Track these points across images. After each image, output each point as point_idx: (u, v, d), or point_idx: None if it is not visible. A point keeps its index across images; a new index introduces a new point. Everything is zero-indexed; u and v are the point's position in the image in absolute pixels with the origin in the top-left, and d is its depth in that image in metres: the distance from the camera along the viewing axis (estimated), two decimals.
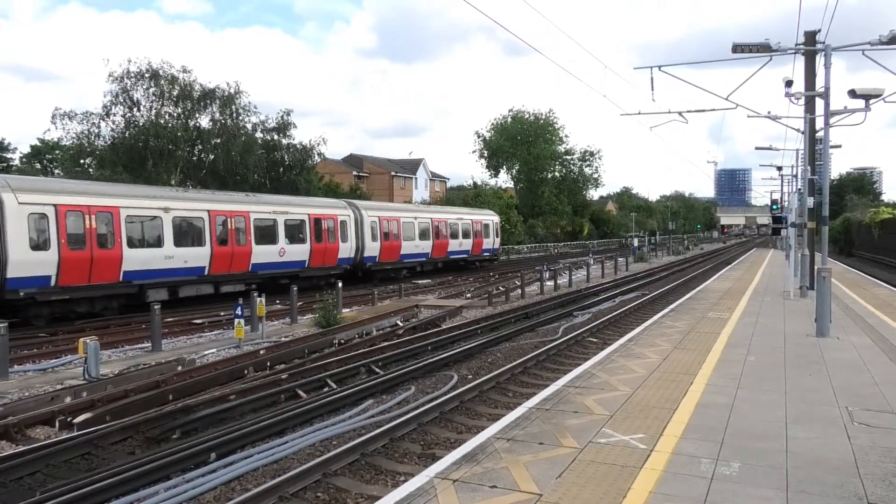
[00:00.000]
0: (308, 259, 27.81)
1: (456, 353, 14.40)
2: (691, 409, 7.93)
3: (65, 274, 18.45)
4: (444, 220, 39.08)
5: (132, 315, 20.04)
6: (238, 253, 24.48)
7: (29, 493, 7.22)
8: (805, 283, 21.05)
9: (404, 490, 5.61)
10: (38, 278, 17.99)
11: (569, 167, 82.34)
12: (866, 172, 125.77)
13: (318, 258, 28.37)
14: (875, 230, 50.62)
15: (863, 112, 15.31)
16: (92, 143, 37.78)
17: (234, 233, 24.28)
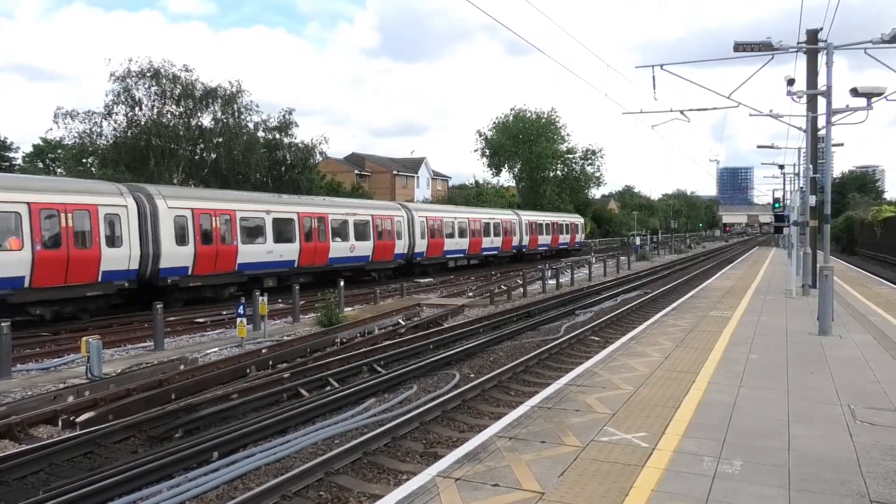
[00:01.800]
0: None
1: (458, 351, 14.41)
2: (693, 407, 7.93)
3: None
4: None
5: (134, 314, 20.08)
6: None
7: (32, 492, 7.24)
8: (807, 281, 21.03)
9: (406, 489, 5.62)
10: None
11: (570, 166, 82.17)
12: (868, 171, 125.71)
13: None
14: (877, 228, 50.54)
15: (865, 110, 15.30)
16: (94, 143, 37.85)
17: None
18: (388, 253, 32.75)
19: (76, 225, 18.46)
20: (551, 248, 54.81)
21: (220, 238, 23.13)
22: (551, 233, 55.10)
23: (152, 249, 20.80)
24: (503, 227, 45.70)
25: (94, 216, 18.95)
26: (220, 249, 23.08)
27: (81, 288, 18.77)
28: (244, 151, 39.23)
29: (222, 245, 23.22)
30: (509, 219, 47.34)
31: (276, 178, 41.88)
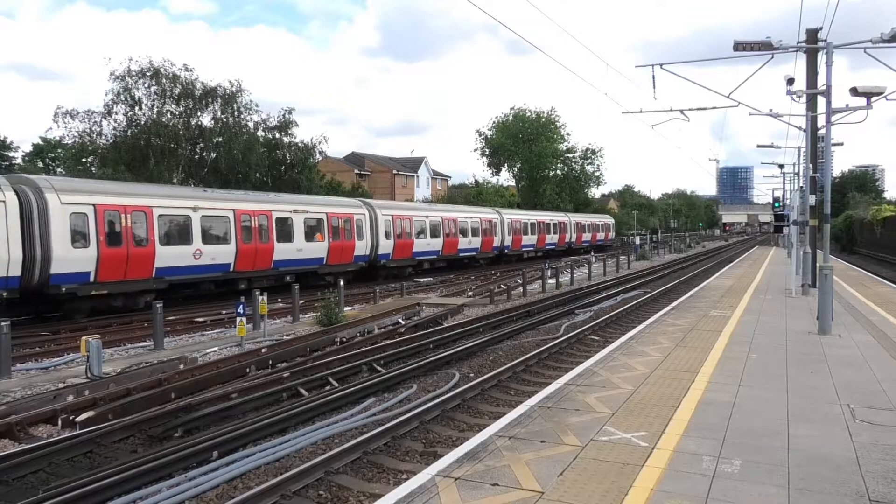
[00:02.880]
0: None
1: (458, 351, 14.41)
2: (693, 406, 7.94)
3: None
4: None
5: (134, 313, 20.07)
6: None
7: (31, 491, 7.24)
8: (807, 280, 21.03)
9: (406, 488, 5.62)
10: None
11: (570, 165, 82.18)
12: (868, 170, 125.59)
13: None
14: (877, 228, 50.55)
15: (864, 110, 15.26)
16: (94, 142, 37.79)
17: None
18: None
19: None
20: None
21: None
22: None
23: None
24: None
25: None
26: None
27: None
28: (244, 151, 39.18)
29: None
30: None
31: (275, 177, 41.84)
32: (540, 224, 52.35)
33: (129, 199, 20.46)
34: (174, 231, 21.74)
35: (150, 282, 20.87)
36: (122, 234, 19.96)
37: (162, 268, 21.03)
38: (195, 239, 22.19)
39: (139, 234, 20.51)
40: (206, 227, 22.71)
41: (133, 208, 20.36)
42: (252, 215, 24.57)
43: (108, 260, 19.39)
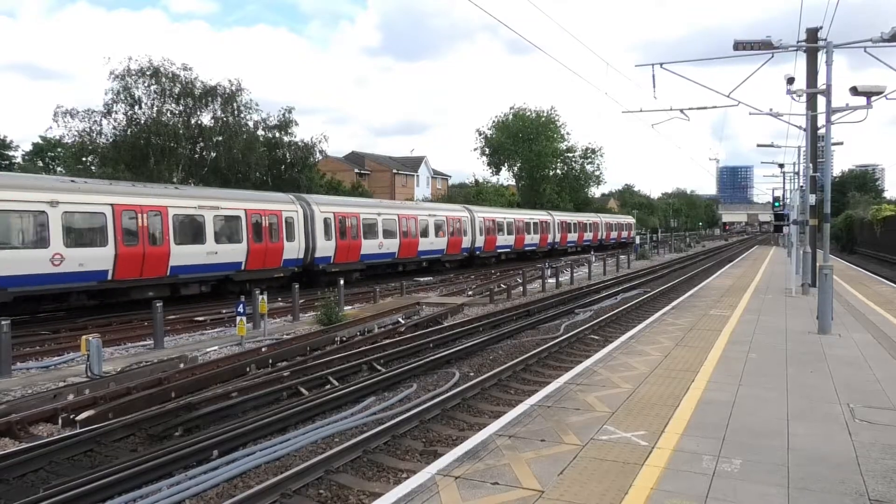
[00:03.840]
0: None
1: (458, 350, 14.42)
2: (693, 406, 7.94)
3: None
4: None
5: (134, 312, 20.07)
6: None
7: (32, 490, 7.25)
8: (807, 280, 21.04)
9: (406, 487, 5.63)
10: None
11: (570, 164, 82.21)
12: (868, 169, 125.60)
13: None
14: (877, 227, 50.52)
15: (865, 109, 15.28)
16: (94, 141, 37.79)
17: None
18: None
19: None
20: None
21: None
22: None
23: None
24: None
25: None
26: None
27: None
28: (244, 150, 39.18)
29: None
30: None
31: (275, 176, 41.85)
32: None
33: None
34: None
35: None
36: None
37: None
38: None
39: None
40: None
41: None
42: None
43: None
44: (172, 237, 21.29)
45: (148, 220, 20.58)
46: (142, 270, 20.34)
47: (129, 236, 20.03)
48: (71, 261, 18.29)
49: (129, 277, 20.08)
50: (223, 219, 23.35)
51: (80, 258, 18.51)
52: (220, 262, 23.01)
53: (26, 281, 17.41)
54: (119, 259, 19.58)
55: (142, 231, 20.41)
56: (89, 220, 19.22)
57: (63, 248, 18.14)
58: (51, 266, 17.89)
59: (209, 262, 22.57)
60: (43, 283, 17.92)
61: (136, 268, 20.14)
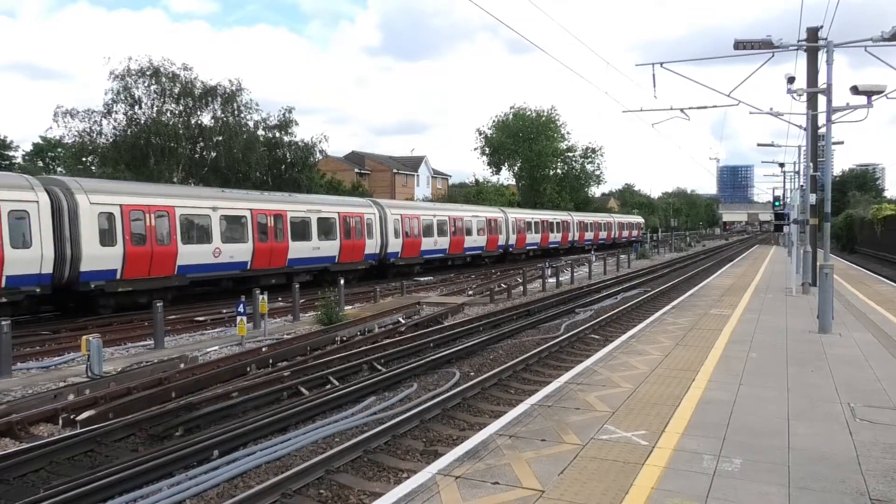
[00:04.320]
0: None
1: (458, 350, 14.42)
2: (693, 405, 7.94)
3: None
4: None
5: (134, 312, 20.07)
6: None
7: (32, 490, 7.25)
8: (807, 279, 21.04)
9: (407, 487, 5.63)
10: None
11: (571, 164, 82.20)
12: (869, 169, 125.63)
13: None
14: (877, 227, 50.52)
15: (865, 108, 15.26)
16: (94, 141, 37.80)
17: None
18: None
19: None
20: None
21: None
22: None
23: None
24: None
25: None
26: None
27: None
28: (244, 150, 39.19)
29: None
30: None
31: (275, 176, 41.86)
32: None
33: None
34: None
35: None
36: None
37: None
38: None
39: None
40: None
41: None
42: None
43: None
44: (290, 235, 26.02)
45: (273, 222, 25.34)
46: (270, 262, 25.09)
47: (262, 234, 24.79)
48: (225, 254, 23.18)
49: (262, 267, 24.80)
50: (324, 220, 28.08)
51: (231, 251, 23.42)
52: (322, 256, 27.94)
53: (198, 269, 22.17)
54: (255, 252, 24.39)
55: (269, 230, 25.18)
56: (236, 221, 23.99)
57: (221, 243, 23.03)
58: (212, 257, 22.72)
59: (314, 255, 27.49)
60: (208, 271, 22.69)
61: (266, 259, 24.94)
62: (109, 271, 19.51)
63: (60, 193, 18.58)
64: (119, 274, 19.73)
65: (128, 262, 19.86)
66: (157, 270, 20.79)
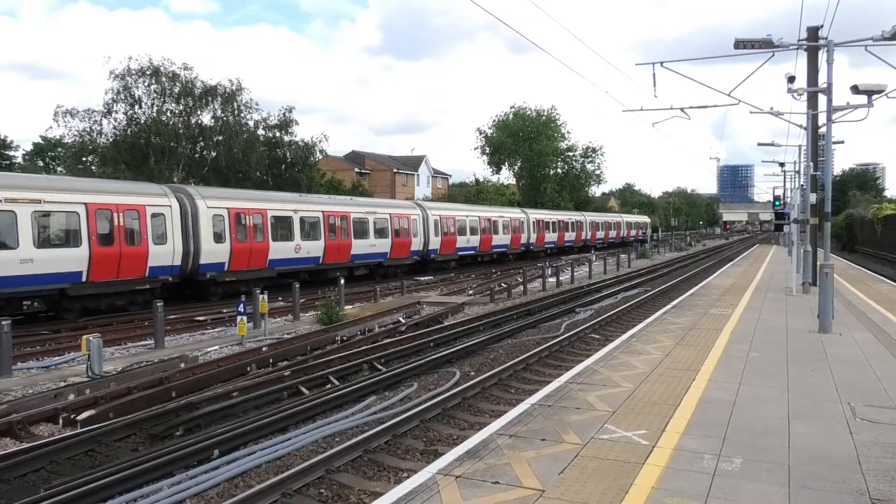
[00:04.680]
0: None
1: (458, 349, 14.41)
2: (693, 405, 7.94)
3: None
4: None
5: (135, 312, 20.08)
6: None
7: (33, 490, 7.25)
8: (807, 279, 21.03)
9: (407, 486, 5.63)
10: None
11: (571, 163, 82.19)
12: (869, 168, 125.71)
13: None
14: (878, 226, 50.50)
15: (865, 108, 15.28)
16: (94, 141, 37.80)
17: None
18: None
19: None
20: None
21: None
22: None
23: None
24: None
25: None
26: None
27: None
28: (244, 150, 39.19)
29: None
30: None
31: (276, 176, 41.88)
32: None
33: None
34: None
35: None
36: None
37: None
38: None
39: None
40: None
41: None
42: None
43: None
44: (353, 234, 29.70)
45: (339, 222, 28.86)
46: (337, 257, 28.82)
47: (331, 233, 28.47)
48: (304, 250, 26.72)
49: (331, 262, 28.46)
50: (379, 221, 31.84)
51: (308, 248, 26.99)
52: (376, 252, 31.66)
53: (283, 263, 25.77)
54: (326, 249, 28.09)
55: (337, 230, 28.74)
56: (313, 221, 27.52)
57: (300, 241, 26.53)
58: (294, 253, 26.23)
59: (370, 251, 31.19)
60: (290, 265, 26.09)
61: (334, 255, 28.57)
62: (220, 264, 23.24)
63: (185, 199, 22.19)
64: (226, 266, 23.45)
65: (233, 256, 23.57)
66: (254, 264, 24.54)
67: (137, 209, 20.34)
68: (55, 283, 17.90)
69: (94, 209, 18.93)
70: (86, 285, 18.75)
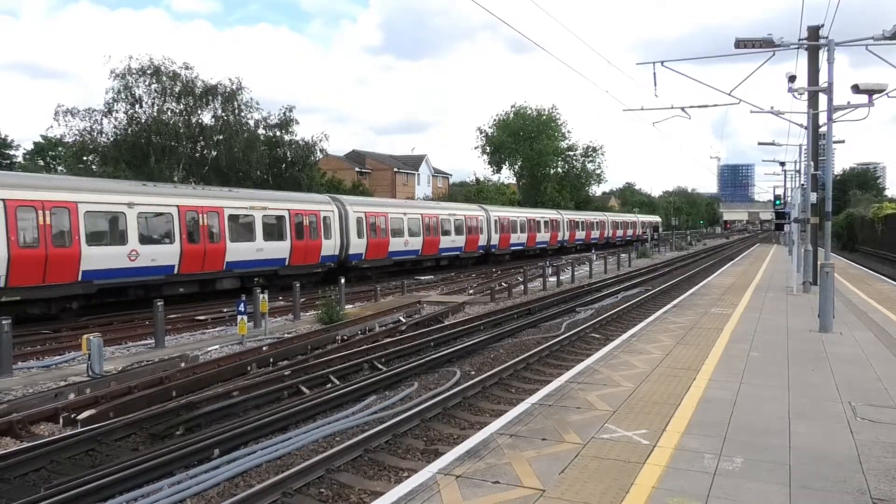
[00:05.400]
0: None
1: (459, 349, 14.41)
2: (694, 404, 7.93)
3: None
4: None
5: (135, 311, 20.08)
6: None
7: (33, 489, 7.25)
8: (808, 278, 21.02)
9: (407, 486, 5.62)
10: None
11: (571, 163, 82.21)
12: (869, 168, 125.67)
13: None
14: (878, 225, 50.48)
15: (866, 107, 15.24)
16: (94, 140, 37.80)
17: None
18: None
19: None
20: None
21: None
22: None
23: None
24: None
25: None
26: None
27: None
28: (244, 149, 39.19)
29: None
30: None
31: (276, 175, 41.88)
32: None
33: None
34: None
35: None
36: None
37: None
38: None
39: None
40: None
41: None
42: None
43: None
44: (442, 232, 37.22)
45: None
46: (432, 249, 36.13)
47: (427, 231, 35.30)
48: (411, 244, 34.01)
49: (427, 254, 35.78)
50: (458, 221, 38.74)
51: (413, 244, 34.15)
52: (456, 246, 38.79)
53: (399, 255, 32.85)
54: (424, 244, 35.00)
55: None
56: (415, 221, 34.46)
57: (409, 237, 33.81)
58: (404, 247, 33.26)
59: (453, 245, 38.51)
60: (403, 256, 33.39)
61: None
62: (359, 254, 30.13)
63: (340, 206, 29.01)
64: (363, 257, 30.35)
65: (368, 249, 30.39)
66: (378, 255, 31.23)
67: (315, 214, 27.27)
68: (273, 266, 25.18)
69: (293, 213, 26.05)
70: (288, 268, 25.79)
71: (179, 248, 21.40)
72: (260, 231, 24.55)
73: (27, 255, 17.25)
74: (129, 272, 19.88)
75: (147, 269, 20.41)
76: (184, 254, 21.50)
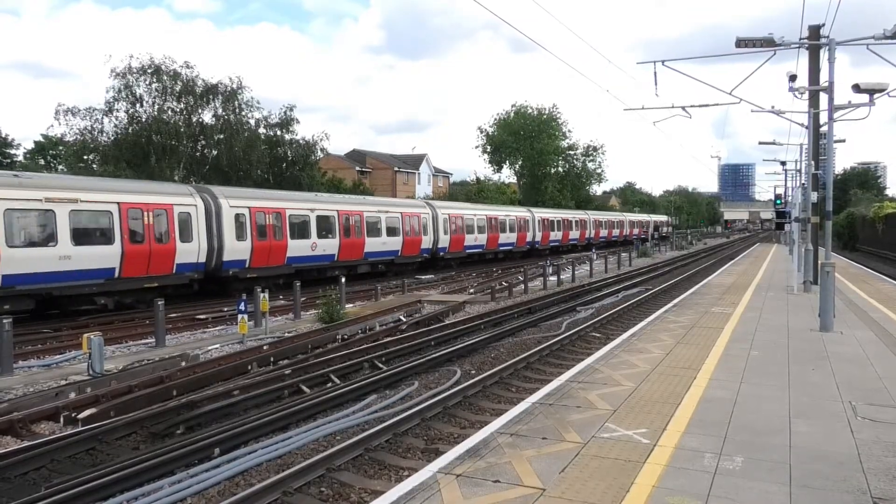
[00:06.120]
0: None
1: (459, 348, 14.41)
2: (694, 403, 7.93)
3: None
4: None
5: (135, 311, 20.09)
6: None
7: (34, 488, 7.26)
8: (808, 277, 21.02)
9: (408, 485, 5.63)
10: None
11: (572, 162, 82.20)
12: (870, 167, 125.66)
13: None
14: (879, 225, 50.44)
15: (867, 107, 15.24)
16: (95, 139, 37.81)
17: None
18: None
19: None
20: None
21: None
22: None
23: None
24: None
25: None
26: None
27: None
28: (245, 148, 39.20)
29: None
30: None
31: (277, 174, 41.89)
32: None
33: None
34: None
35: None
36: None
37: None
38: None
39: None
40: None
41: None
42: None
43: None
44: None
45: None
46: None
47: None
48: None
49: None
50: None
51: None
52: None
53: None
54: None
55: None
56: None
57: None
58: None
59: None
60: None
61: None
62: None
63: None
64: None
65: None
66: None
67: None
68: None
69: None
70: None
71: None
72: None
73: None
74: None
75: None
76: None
